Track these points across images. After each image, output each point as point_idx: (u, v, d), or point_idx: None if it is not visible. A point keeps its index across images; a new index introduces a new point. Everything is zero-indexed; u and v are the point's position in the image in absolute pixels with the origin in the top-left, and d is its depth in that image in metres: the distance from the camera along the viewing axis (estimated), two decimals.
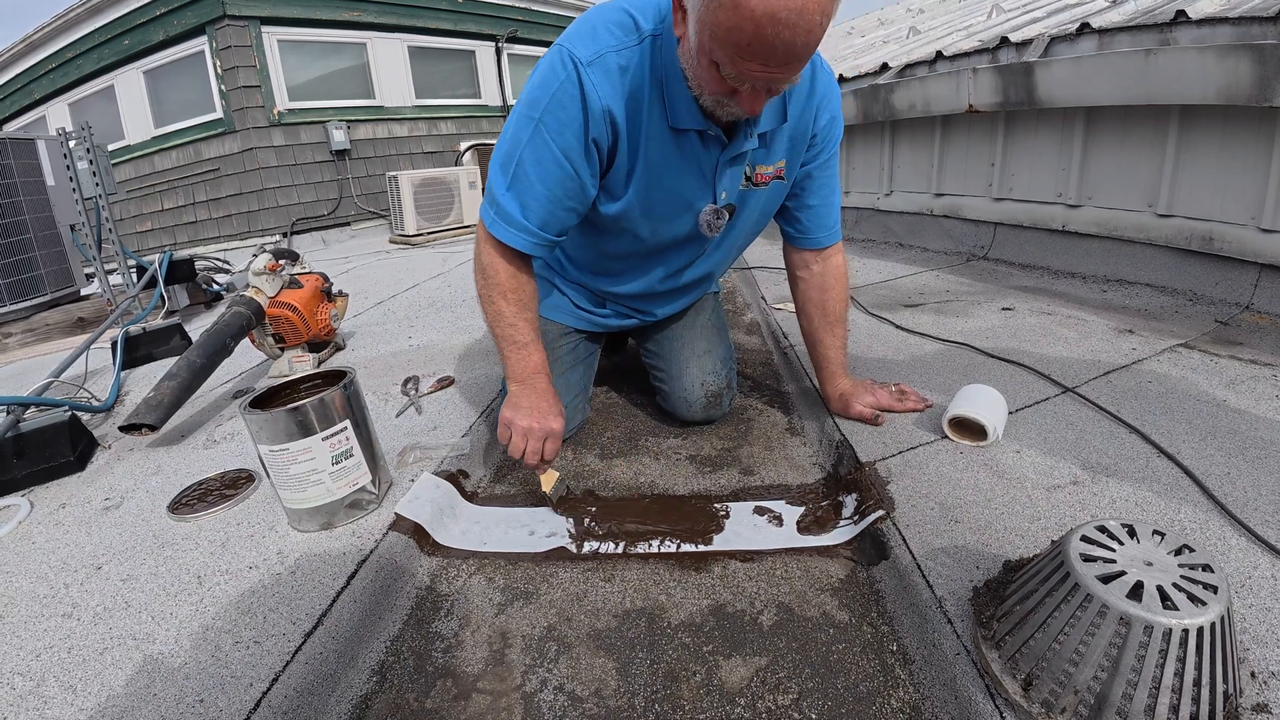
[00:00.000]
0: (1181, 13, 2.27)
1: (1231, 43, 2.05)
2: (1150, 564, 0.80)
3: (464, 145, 7.88)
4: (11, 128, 8.14)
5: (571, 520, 1.45)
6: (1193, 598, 0.74)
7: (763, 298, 2.86)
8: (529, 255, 1.40)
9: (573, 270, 1.75)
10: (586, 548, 1.35)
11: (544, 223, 1.35)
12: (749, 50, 1.00)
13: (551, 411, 1.44)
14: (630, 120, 1.28)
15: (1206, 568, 0.79)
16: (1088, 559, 0.81)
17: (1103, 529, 0.86)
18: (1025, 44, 2.86)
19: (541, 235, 1.36)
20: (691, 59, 1.14)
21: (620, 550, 1.33)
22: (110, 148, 4.36)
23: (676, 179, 1.38)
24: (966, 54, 3.19)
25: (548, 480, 1.48)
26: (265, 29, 6.60)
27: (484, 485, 1.62)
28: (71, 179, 3.75)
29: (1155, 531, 0.84)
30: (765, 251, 3.48)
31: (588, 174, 1.32)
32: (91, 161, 3.81)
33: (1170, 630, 0.72)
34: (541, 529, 1.42)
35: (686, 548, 1.32)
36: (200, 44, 6.60)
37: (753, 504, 1.45)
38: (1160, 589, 0.76)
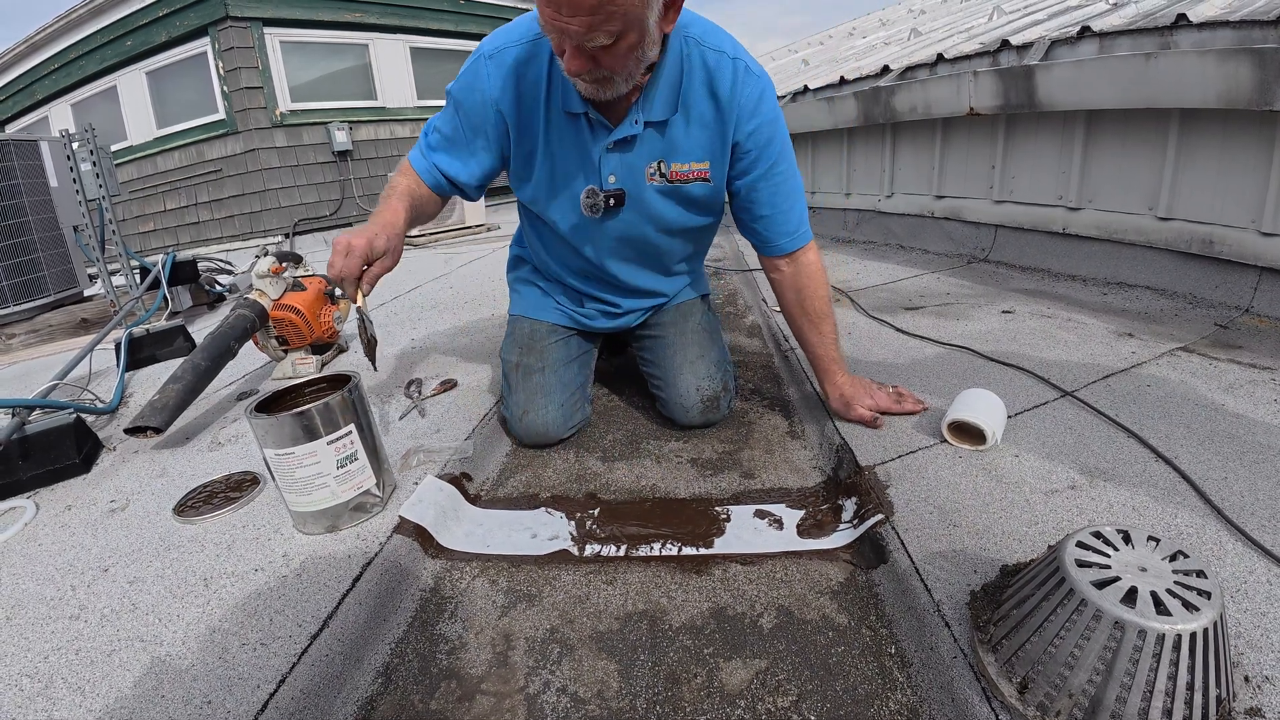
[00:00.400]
0: (1182, 16, 2.28)
1: (1232, 46, 2.06)
2: (1145, 570, 0.81)
3: None
4: (14, 128, 8.16)
5: (573, 523, 1.46)
6: (1186, 604, 0.75)
7: (764, 300, 2.87)
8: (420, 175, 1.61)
9: (552, 266, 1.83)
10: (588, 550, 1.36)
11: (439, 160, 1.59)
12: (542, 3, 1.13)
13: (362, 232, 1.42)
14: (527, 106, 1.48)
15: (1200, 574, 0.80)
16: (1083, 564, 0.82)
17: (1098, 535, 0.87)
18: (1026, 47, 2.87)
19: (434, 168, 1.60)
20: None
21: (622, 553, 1.34)
22: (113, 148, 4.38)
23: (569, 162, 1.54)
24: (967, 56, 3.20)
25: (357, 298, 1.43)
26: (268, 30, 6.62)
27: (487, 488, 1.64)
28: (75, 180, 3.76)
29: (1150, 538, 0.85)
30: None
31: (477, 141, 1.55)
32: (95, 162, 3.82)
33: (1163, 635, 0.73)
34: (544, 532, 1.44)
35: (688, 551, 1.33)
36: (203, 45, 6.62)
37: (753, 507, 1.46)
38: (1154, 594, 0.77)
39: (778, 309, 2.65)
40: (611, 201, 1.54)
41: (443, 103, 1.59)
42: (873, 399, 1.64)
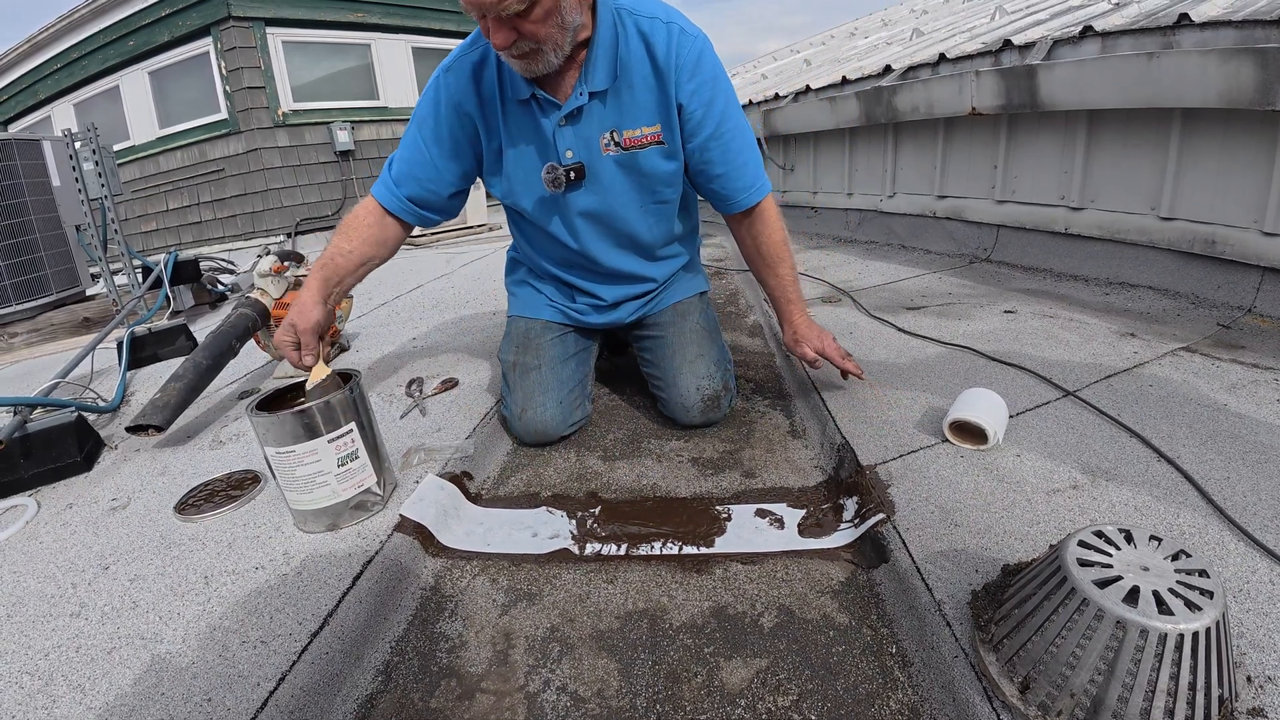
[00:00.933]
0: (1184, 16, 2.28)
1: (1234, 46, 2.05)
2: (1147, 569, 0.81)
3: None
4: (16, 128, 8.17)
5: (574, 522, 1.46)
6: (1188, 603, 0.75)
7: (765, 300, 2.86)
8: (385, 208, 1.68)
9: (539, 260, 1.86)
10: (589, 549, 1.36)
11: (399, 180, 1.66)
12: None
13: (300, 309, 1.52)
14: (489, 105, 1.56)
15: (1203, 573, 0.79)
16: (1085, 564, 0.82)
17: (1100, 534, 0.86)
18: (1028, 46, 2.87)
19: (395, 190, 1.66)
20: None
21: (622, 552, 1.34)
22: (116, 148, 4.38)
23: (528, 147, 1.60)
24: (969, 56, 3.19)
25: (314, 375, 1.44)
26: (270, 30, 6.63)
27: (488, 487, 1.64)
28: (77, 179, 3.77)
29: (1152, 537, 0.85)
30: None
31: (439, 156, 1.62)
32: (97, 162, 3.83)
33: (1165, 635, 0.73)
34: (544, 530, 1.44)
35: (688, 550, 1.33)
36: (205, 45, 6.63)
37: (754, 506, 1.46)
38: (1156, 594, 0.76)
39: None
40: (571, 175, 1.58)
41: None
42: (821, 343, 1.73)
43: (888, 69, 3.77)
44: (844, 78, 4.08)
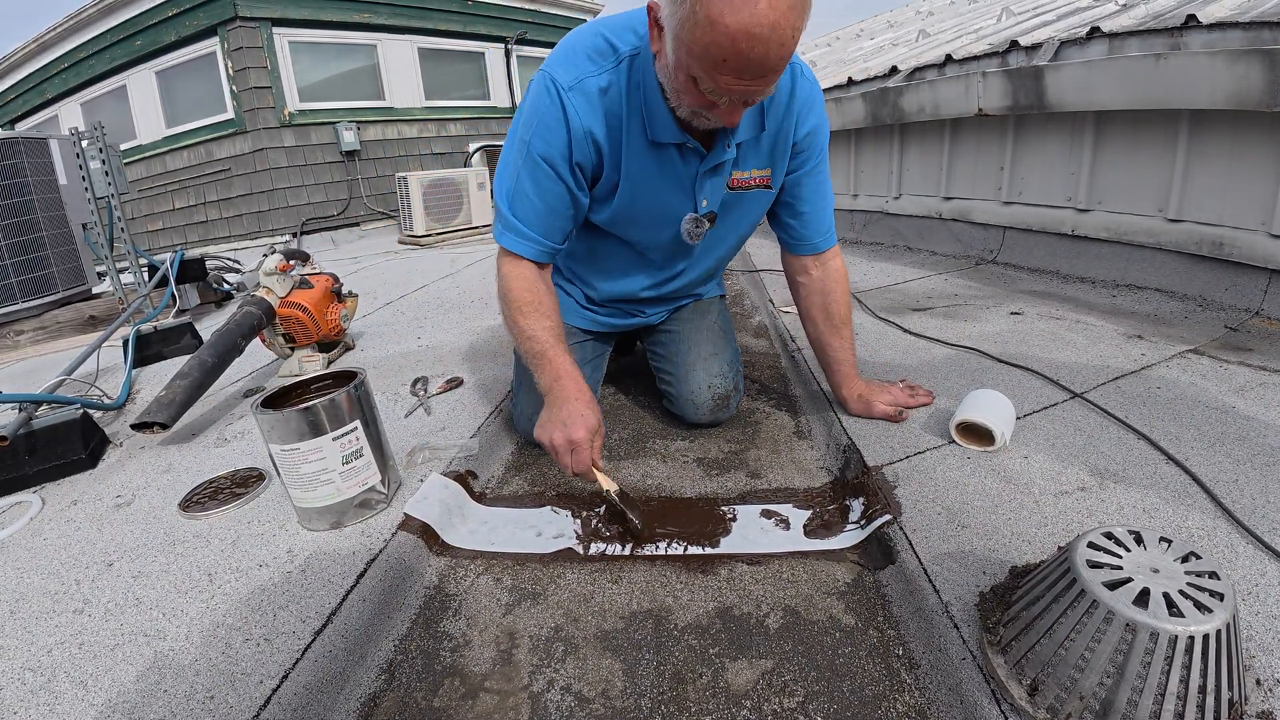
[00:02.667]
0: (1192, 17, 2.27)
1: (1242, 47, 2.04)
2: (1157, 571, 0.80)
3: (473, 147, 7.91)
4: (23, 127, 8.20)
5: (578, 521, 1.45)
6: (1199, 605, 0.75)
7: (770, 301, 2.86)
8: (540, 264, 1.49)
9: (596, 281, 1.77)
10: (593, 549, 1.36)
11: (546, 231, 1.46)
12: (725, 65, 1.05)
13: (574, 420, 1.36)
14: (611, 138, 1.38)
15: (1213, 575, 0.79)
16: (1094, 565, 0.81)
17: (1109, 535, 0.86)
18: (1035, 48, 2.86)
19: (544, 242, 1.46)
20: (670, 74, 1.19)
21: (627, 552, 1.34)
22: (122, 147, 4.39)
23: (658, 191, 1.46)
24: (976, 57, 3.19)
25: (603, 481, 1.41)
26: (276, 30, 6.64)
27: (492, 486, 1.63)
28: (84, 178, 3.77)
29: (1162, 539, 0.84)
30: (773, 255, 3.47)
31: (575, 187, 1.43)
32: (104, 161, 3.83)
33: (1176, 637, 0.72)
34: (549, 530, 1.43)
35: (694, 550, 1.32)
36: (212, 45, 6.64)
37: (760, 507, 1.45)
38: (1166, 595, 0.76)
39: (785, 309, 2.66)
40: (707, 224, 1.53)
41: (452, 104, 1.57)
42: (891, 395, 1.66)
43: (894, 70, 3.76)
44: (850, 79, 4.07)
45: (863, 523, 1.32)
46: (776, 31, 1.00)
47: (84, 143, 3.78)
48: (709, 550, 1.32)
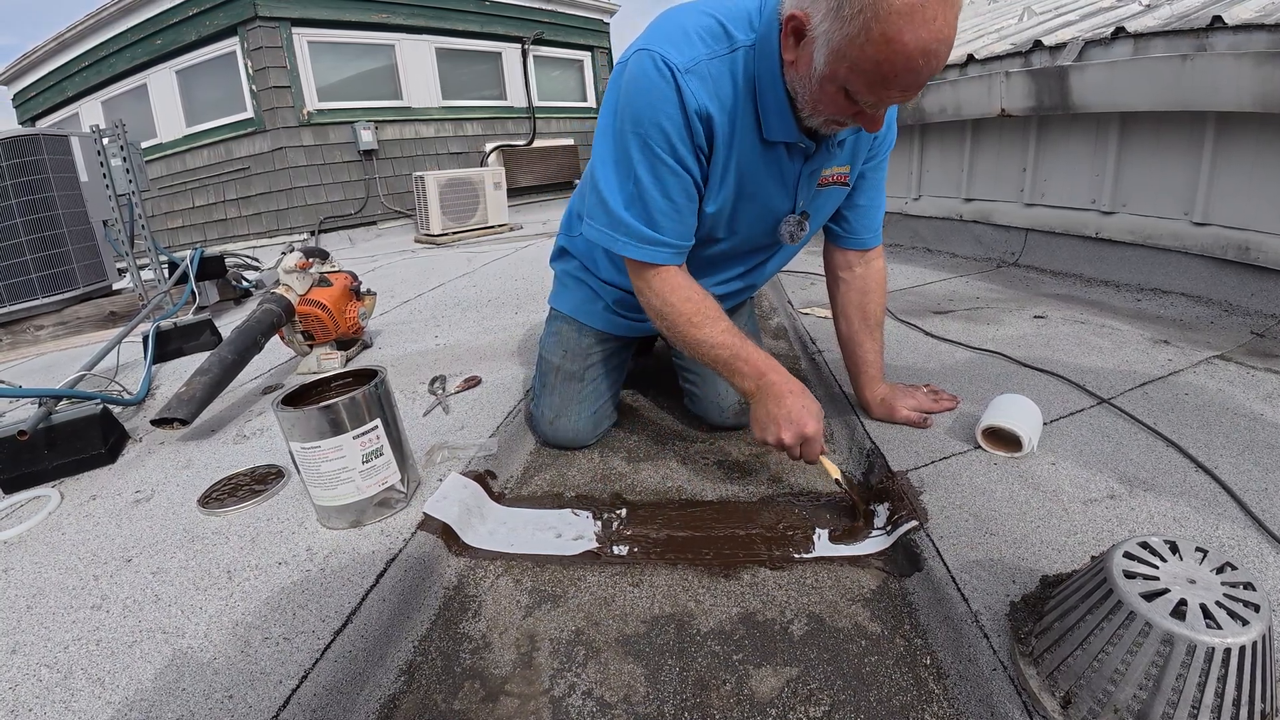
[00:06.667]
0: (1218, 18, 2.23)
1: (1268, 49, 2.01)
2: (1193, 581, 0.78)
3: (489, 146, 7.92)
4: (44, 124, 8.28)
5: (599, 524, 1.44)
6: (1234, 615, 0.73)
7: (789, 302, 2.84)
8: (680, 265, 1.40)
9: (607, 269, 1.68)
10: (614, 552, 1.34)
11: (680, 232, 1.36)
12: (895, 80, 1.04)
13: (800, 415, 1.31)
14: (724, 129, 1.28)
15: (1249, 586, 0.77)
16: (1130, 575, 0.79)
17: (1145, 545, 0.84)
18: (1059, 48, 2.82)
19: (680, 244, 1.37)
20: (810, 84, 1.14)
21: (648, 555, 1.32)
22: (143, 145, 4.42)
23: (762, 187, 1.38)
24: (999, 57, 3.15)
25: (830, 469, 1.38)
26: (296, 30, 6.66)
27: (511, 486, 1.62)
28: (105, 175, 3.80)
29: (1198, 548, 0.82)
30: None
31: (699, 174, 1.33)
32: (125, 158, 3.86)
33: (1214, 649, 0.71)
34: (569, 531, 1.42)
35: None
36: (232, 44, 6.68)
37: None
38: (1204, 607, 0.74)
39: (804, 311, 2.64)
40: (806, 224, 1.50)
41: (468, 103, 1.51)
42: (914, 399, 1.64)
43: None
44: None
45: (888, 529, 1.30)
46: (948, 45, 1.01)
47: (105, 140, 3.81)
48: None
